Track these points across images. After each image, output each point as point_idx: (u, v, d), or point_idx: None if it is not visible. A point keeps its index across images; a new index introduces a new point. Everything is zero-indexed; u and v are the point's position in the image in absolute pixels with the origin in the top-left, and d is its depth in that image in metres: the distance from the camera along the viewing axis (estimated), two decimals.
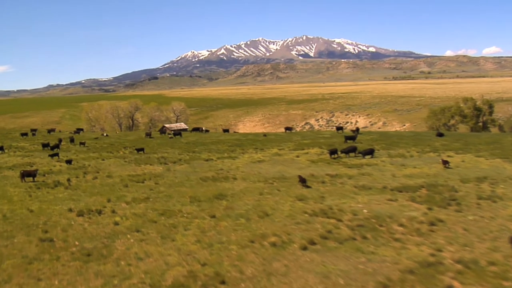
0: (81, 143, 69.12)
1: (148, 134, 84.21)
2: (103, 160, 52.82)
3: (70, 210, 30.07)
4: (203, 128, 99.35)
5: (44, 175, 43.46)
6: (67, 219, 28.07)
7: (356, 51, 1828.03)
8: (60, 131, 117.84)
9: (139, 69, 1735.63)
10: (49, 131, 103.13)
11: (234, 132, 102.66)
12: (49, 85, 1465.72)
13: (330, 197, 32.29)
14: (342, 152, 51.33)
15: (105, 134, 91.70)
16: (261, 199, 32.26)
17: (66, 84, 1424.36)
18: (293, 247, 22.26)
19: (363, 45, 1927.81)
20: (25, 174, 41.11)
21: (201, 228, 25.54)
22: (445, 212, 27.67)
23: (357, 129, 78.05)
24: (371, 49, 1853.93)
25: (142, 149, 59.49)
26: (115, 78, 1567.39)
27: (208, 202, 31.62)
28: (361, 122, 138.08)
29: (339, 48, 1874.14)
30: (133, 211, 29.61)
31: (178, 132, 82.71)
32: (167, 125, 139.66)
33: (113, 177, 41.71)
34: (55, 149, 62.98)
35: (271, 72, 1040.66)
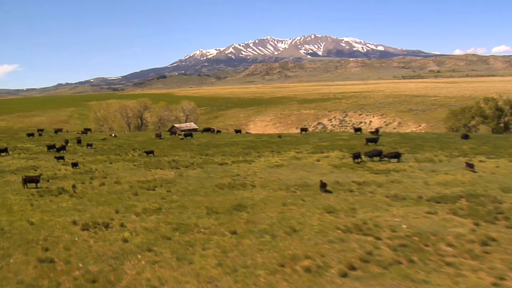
0: (88, 145, 66.31)
1: (158, 135, 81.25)
2: (111, 163, 49.85)
3: (74, 222, 27.11)
4: (215, 129, 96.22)
5: (48, 181, 40.59)
6: (71, 234, 25.11)
7: (365, 50, 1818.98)
8: (67, 131, 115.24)
9: (148, 68, 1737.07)
10: (56, 131, 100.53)
11: (247, 133, 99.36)
12: (58, 83, 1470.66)
13: (362, 209, 29.08)
14: (365, 155, 48.14)
15: (113, 135, 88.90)
16: (285, 210, 29.14)
17: (75, 83, 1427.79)
18: (331, 273, 19.17)
19: (371, 44, 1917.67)
20: (27, 180, 38.24)
21: (222, 247, 22.46)
22: (495, 229, 24.43)
23: (377, 130, 74.52)
24: (380, 48, 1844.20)
25: (151, 152, 56.54)
26: (123, 77, 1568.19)
27: (226, 214, 28.55)
28: (375, 122, 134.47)
29: (347, 47, 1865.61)
30: (143, 224, 26.58)
31: (189, 133, 79.68)
32: (176, 125, 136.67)
33: (122, 184, 38.71)
34: (61, 151, 60.29)
35: (279, 71, 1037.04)
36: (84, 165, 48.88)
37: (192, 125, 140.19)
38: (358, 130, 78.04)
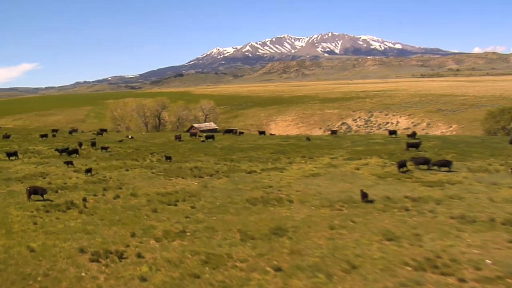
0: (103, 148, 61.84)
1: (178, 137, 76.40)
2: (127, 170, 45.13)
3: (82, 250, 22.41)
4: (237, 130, 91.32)
5: (56, 191, 35.99)
6: (77, 267, 20.42)
7: (382, 48, 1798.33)
8: (82, 131, 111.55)
9: (165, 66, 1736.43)
10: (71, 131, 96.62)
11: (271, 134, 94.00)
12: (76, 82, 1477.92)
13: (427, 235, 23.86)
14: (412, 162, 42.92)
15: (130, 136, 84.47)
16: (335, 236, 24.10)
17: (93, 81, 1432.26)
18: None
19: (389, 42, 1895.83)
20: (31, 192, 33.67)
21: None
22: None
23: (414, 133, 68.61)
24: (397, 46, 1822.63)
25: (170, 158, 51.82)
26: (141, 75, 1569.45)
27: (264, 240, 23.61)
28: (403, 122, 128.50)
29: (365, 45, 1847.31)
30: (165, 254, 21.75)
31: (210, 135, 74.78)
32: (195, 125, 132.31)
33: (139, 196, 33.94)
34: (73, 155, 55.94)
35: (296, 69, 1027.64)
36: (97, 172, 44.32)
37: (212, 125, 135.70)
38: (393, 133, 72.21)
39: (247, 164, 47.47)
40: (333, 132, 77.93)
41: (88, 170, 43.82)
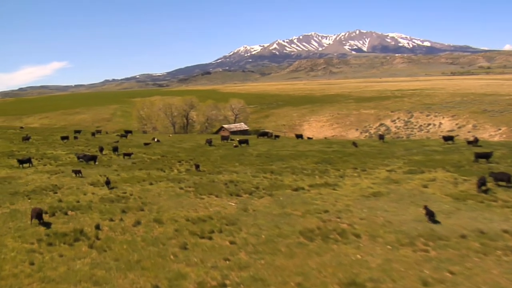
0: (125, 154, 55.60)
1: (209, 142, 69.55)
2: (151, 184, 38.59)
3: None
4: (272, 133, 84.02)
5: (66, 213, 29.72)
6: None
7: (411, 46, 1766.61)
8: (107, 133, 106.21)
9: (193, 64, 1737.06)
10: (94, 133, 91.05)
11: (308, 138, 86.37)
12: (105, 80, 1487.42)
13: None
14: (491, 178, 35.48)
15: (155, 139, 78.28)
16: None
17: (121, 79, 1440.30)
18: None
19: (417, 39, 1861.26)
20: (34, 216, 27.59)
21: None
22: None
23: (476, 139, 60.08)
24: (426, 44, 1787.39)
25: (198, 166, 45.42)
26: (168, 73, 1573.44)
27: None
28: (446, 124, 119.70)
29: (393, 43, 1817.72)
30: None
31: (244, 140, 67.78)
32: (225, 126, 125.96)
33: (164, 223, 27.36)
34: (91, 162, 49.97)
35: (324, 67, 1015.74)
36: (117, 186, 37.93)
37: (243, 126, 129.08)
38: (449, 139, 63.59)
39: (291, 178, 40.50)
40: (381, 137, 69.93)
41: (107, 183, 37.73)
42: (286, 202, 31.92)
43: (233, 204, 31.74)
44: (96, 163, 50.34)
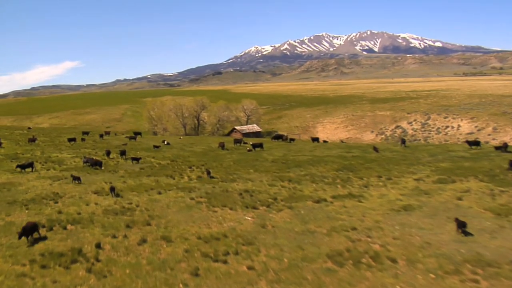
0: (133, 159, 52.62)
1: (222, 145, 66.35)
2: (159, 193, 35.52)
3: None
4: (287, 136, 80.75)
5: (65, 228, 26.79)
6: None
7: (422, 46, 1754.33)
8: (115, 134, 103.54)
9: (204, 64, 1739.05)
10: (102, 135, 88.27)
11: (324, 141, 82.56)
12: (117, 79, 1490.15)
13: None
14: None
15: (165, 142, 75.40)
16: None
17: (133, 79, 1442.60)
18: None
19: (429, 40, 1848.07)
20: (22, 233, 24.70)
21: None
22: None
23: (506, 145, 56.04)
24: (438, 44, 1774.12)
25: (209, 172, 42.54)
26: (180, 73, 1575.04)
27: None
28: (465, 126, 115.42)
29: (404, 43, 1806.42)
30: None
31: (258, 144, 64.47)
32: (237, 127, 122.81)
33: (173, 242, 24.33)
34: (96, 167, 47.17)
35: (335, 68, 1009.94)
36: (123, 194, 35.01)
37: (255, 127, 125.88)
38: (474, 143, 59.71)
39: (311, 187, 37.30)
40: (403, 142, 65.99)
41: (112, 189, 34.98)
42: (308, 217, 28.77)
43: (249, 218, 28.63)
44: (102, 168, 47.52)
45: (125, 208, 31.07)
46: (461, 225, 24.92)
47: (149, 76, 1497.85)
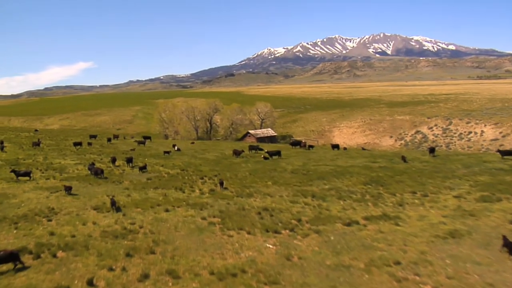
0: (140, 168, 48.59)
1: (237, 153, 62.09)
2: (166, 211, 31.26)
3: None
4: (306, 143, 76.00)
5: (55, 255, 22.74)
6: None
7: (435, 49, 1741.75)
8: (124, 138, 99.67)
9: (216, 66, 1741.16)
10: (109, 139, 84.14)
11: (344, 148, 77.31)
12: (130, 80, 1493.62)
13: None
14: None
15: (176, 148, 71.30)
16: None
17: (146, 80, 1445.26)
18: None
19: (442, 43, 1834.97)
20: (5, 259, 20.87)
21: None
22: None
23: None
24: (451, 47, 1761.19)
25: (222, 183, 38.57)
26: (192, 74, 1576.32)
27: None
28: (489, 132, 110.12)
29: (417, 46, 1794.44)
30: None
31: (275, 152, 59.67)
32: (252, 132, 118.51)
33: (181, 278, 20.15)
34: (99, 176, 43.28)
35: (348, 70, 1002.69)
36: (125, 213, 30.87)
37: (270, 132, 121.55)
38: (507, 153, 54.67)
39: (339, 205, 32.86)
40: (431, 150, 60.42)
41: (113, 204, 31.17)
42: (340, 245, 24.41)
43: (271, 246, 24.32)
44: (103, 175, 43.62)
45: (127, 230, 26.96)
46: (508, 245, 21.51)
47: (161, 77, 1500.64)
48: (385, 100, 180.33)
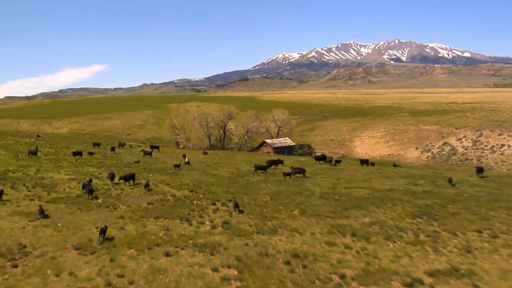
0: (145, 186, 41.69)
1: (262, 168, 54.85)
2: (167, 255, 24.03)
3: None
4: (332, 158, 67.32)
5: None
6: None
7: (450, 56, 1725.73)
8: (131, 146, 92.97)
9: (231, 70, 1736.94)
10: (113, 148, 75.81)
11: (372, 164, 67.57)
12: (144, 83, 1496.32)
13: None
14: None
15: (186, 160, 64.12)
16: None
17: (160, 83, 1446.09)
18: None
19: (457, 50, 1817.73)
20: None
21: None
22: None
23: None
24: (466, 54, 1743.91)
25: (237, 205, 31.73)
26: (206, 78, 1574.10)
27: None
28: None
29: (432, 53, 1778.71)
30: None
31: (299, 169, 51.68)
32: (268, 141, 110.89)
33: None
34: (91, 196, 36.66)
35: (362, 76, 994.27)
36: (114, 256, 23.83)
37: (288, 141, 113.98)
38: None
39: (388, 250, 25.35)
40: (479, 171, 51.18)
41: (103, 232, 25.17)
42: None
43: None
44: (91, 196, 36.85)
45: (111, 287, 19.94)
46: None
47: (176, 81, 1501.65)
48: (406, 108, 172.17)
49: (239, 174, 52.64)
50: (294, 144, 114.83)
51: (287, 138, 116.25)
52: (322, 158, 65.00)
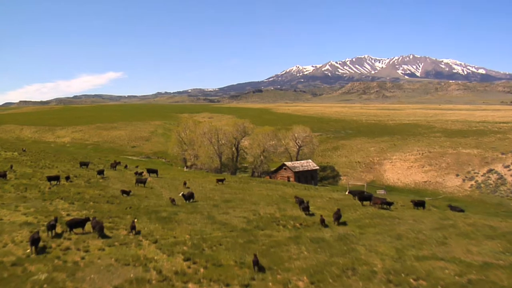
0: (136, 233, 28.53)
1: (304, 207, 42.41)
2: None
3: None
4: (379, 199, 48.78)
5: None
6: None
7: (465, 73, 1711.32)
8: (126, 166, 79.90)
9: (244, 81, 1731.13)
10: (101, 171, 60.25)
11: (422, 205, 50.31)
12: (158, 92, 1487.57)
13: None
14: None
15: (185, 193, 49.42)
16: None
17: (173, 92, 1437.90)
18: None
19: (472, 67, 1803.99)
20: None
21: None
22: None
23: None
24: (481, 71, 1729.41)
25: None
26: (220, 89, 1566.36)
27: None
28: None
29: (447, 69, 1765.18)
30: None
31: (338, 216, 37.63)
32: (288, 164, 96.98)
33: None
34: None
35: (377, 91, 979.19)
36: None
37: (310, 164, 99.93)
38: None
39: None
40: None
41: None
42: None
43: None
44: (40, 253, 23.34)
45: None
46: None
47: (189, 90, 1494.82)
48: (437, 126, 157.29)
49: (257, 223, 36.98)
50: (317, 167, 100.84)
51: (310, 160, 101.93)
52: (367, 198, 49.41)
